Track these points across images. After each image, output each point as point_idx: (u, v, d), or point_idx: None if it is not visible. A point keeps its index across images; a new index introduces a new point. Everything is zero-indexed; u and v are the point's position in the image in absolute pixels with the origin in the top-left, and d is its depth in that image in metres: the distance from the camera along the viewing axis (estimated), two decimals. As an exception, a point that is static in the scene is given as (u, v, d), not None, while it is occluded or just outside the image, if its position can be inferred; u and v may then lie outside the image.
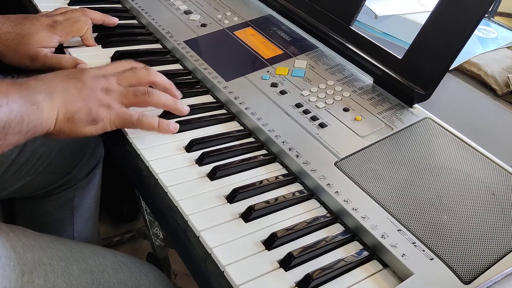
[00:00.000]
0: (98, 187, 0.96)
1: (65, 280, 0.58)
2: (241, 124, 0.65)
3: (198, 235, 0.49)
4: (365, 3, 0.70)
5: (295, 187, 0.56)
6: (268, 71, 0.71)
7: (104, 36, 0.78)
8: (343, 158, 0.57)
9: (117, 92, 0.58)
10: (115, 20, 0.81)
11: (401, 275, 0.46)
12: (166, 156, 0.58)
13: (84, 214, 0.94)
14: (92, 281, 0.60)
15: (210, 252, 0.47)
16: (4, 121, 0.48)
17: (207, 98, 0.70)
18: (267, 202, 0.52)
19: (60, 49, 0.73)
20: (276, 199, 0.53)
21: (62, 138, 0.56)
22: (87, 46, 0.76)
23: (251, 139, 0.63)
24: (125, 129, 0.61)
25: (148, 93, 0.60)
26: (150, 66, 0.74)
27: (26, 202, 0.91)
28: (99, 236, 1.06)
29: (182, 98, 0.68)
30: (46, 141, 0.80)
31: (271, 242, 0.48)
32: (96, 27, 0.79)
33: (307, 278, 0.44)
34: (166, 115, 0.63)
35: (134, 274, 0.66)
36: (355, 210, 0.51)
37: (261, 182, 0.55)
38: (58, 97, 0.53)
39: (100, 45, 0.77)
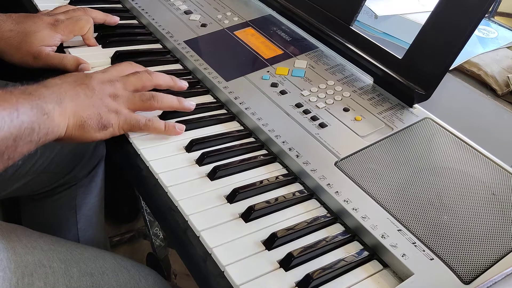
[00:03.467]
0: (101, 185, 0.96)
1: (65, 282, 0.58)
2: (241, 124, 0.65)
3: (198, 235, 0.49)
4: (365, 3, 0.70)
5: (295, 187, 0.56)
6: (268, 71, 0.71)
7: (104, 36, 0.78)
8: (343, 158, 0.57)
9: (124, 98, 0.59)
10: (116, 19, 0.81)
11: (401, 275, 0.46)
12: (166, 156, 0.58)
13: (87, 212, 0.94)
14: (92, 284, 0.60)
15: (210, 252, 0.47)
16: (15, 134, 0.48)
17: (207, 98, 0.70)
18: (267, 202, 0.52)
19: (60, 49, 0.73)
20: (276, 199, 0.53)
21: (72, 142, 0.57)
22: (89, 45, 0.76)
23: (251, 139, 0.63)
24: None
25: (153, 98, 0.61)
26: (150, 66, 0.74)
27: (30, 203, 0.91)
28: (105, 234, 1.05)
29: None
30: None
31: (271, 242, 0.48)
32: (96, 27, 0.79)
33: (307, 278, 0.44)
34: (166, 115, 0.63)
35: (133, 277, 0.66)
36: (355, 210, 0.51)
37: (261, 182, 0.55)
38: (67, 104, 0.54)
39: (100, 45, 0.77)
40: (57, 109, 0.53)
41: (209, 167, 0.56)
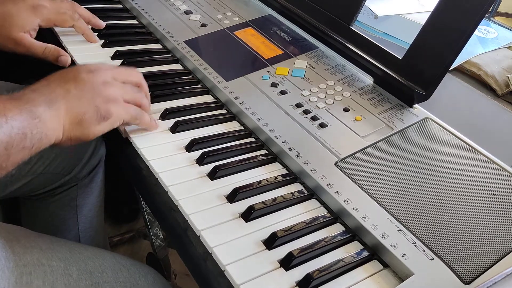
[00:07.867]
0: (101, 186, 0.96)
1: (64, 281, 0.58)
2: (241, 124, 0.65)
3: (198, 235, 0.49)
4: (365, 3, 0.70)
5: (295, 187, 0.56)
6: (268, 71, 0.71)
7: (104, 36, 0.78)
8: (343, 158, 0.57)
9: (117, 86, 0.57)
10: (101, 24, 0.79)
11: (401, 275, 0.46)
12: (166, 155, 0.58)
13: (88, 213, 0.93)
14: (91, 283, 0.60)
15: (210, 252, 0.47)
16: (6, 141, 0.45)
17: (207, 98, 0.70)
18: (267, 202, 0.52)
19: (59, 45, 0.73)
20: (276, 199, 0.53)
21: (74, 143, 0.54)
22: (89, 41, 0.76)
23: (251, 139, 0.63)
24: (125, 129, 0.61)
25: (142, 92, 0.60)
26: (150, 66, 0.75)
27: (31, 204, 0.91)
28: (105, 234, 1.05)
29: (182, 98, 0.68)
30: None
31: (271, 242, 0.48)
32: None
33: (308, 278, 0.44)
34: (167, 114, 0.64)
35: (133, 276, 0.66)
36: (355, 210, 0.51)
37: (261, 182, 0.55)
38: (60, 105, 0.51)
39: (101, 45, 0.77)
40: (49, 111, 0.50)
41: (209, 167, 0.56)
